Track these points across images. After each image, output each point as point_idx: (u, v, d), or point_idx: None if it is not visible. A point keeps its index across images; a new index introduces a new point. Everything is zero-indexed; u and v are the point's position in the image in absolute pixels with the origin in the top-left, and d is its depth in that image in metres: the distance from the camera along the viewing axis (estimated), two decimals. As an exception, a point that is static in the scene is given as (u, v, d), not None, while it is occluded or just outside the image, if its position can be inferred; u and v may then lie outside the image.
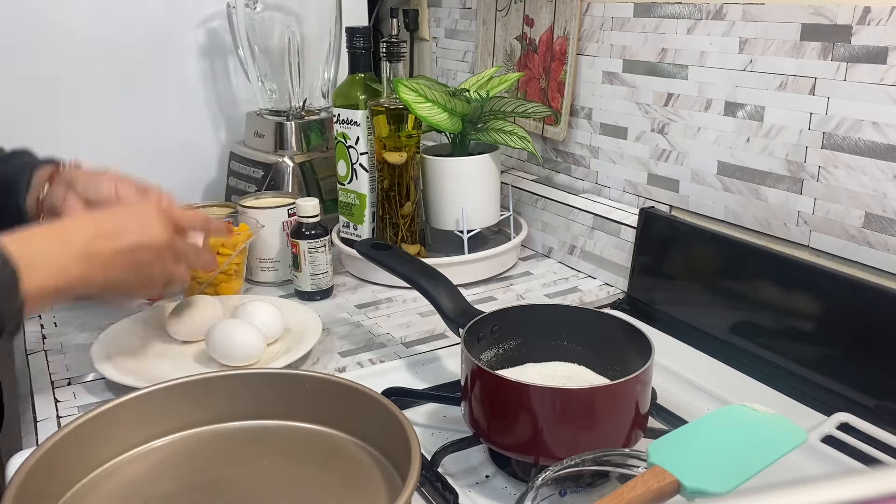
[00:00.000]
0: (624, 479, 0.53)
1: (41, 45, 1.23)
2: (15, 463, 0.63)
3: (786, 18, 0.84)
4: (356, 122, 1.10)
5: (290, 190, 1.23)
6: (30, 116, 1.24)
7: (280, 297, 1.04)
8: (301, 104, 1.31)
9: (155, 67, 1.32)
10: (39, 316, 1.01)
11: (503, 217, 1.16)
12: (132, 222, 0.72)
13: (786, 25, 0.84)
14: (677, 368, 0.83)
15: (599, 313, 0.78)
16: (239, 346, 0.83)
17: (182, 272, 0.78)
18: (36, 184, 0.83)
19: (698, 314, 0.93)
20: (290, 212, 1.09)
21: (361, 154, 1.11)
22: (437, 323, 0.89)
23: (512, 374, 0.71)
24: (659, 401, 0.75)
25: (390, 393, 0.75)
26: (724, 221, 0.95)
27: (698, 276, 0.94)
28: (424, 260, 0.89)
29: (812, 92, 0.82)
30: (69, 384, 0.84)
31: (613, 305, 1.02)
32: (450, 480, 0.66)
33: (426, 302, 0.81)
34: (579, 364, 0.74)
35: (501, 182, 1.14)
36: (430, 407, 0.78)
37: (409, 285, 0.85)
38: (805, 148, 0.84)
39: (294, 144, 1.27)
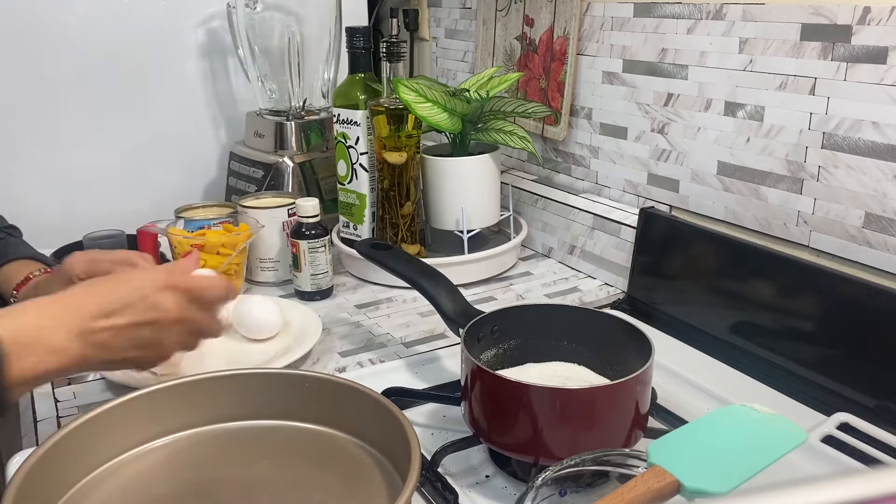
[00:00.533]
0: (624, 479, 0.53)
1: (41, 45, 1.23)
2: (15, 463, 0.63)
3: (786, 18, 0.84)
4: (356, 122, 1.10)
5: (290, 190, 1.23)
6: (30, 116, 1.24)
7: (280, 297, 1.04)
8: (301, 104, 1.31)
9: (155, 67, 1.32)
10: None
11: (503, 217, 1.16)
12: (136, 295, 0.64)
13: (786, 25, 0.84)
14: (677, 368, 0.83)
15: (599, 313, 0.78)
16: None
17: (196, 343, 0.70)
18: (4, 285, 0.83)
19: (698, 314, 0.93)
20: (290, 212, 1.09)
21: (361, 154, 1.11)
22: (437, 323, 0.89)
23: (512, 374, 0.71)
24: (659, 401, 0.75)
25: (390, 393, 0.75)
26: (724, 221, 0.95)
27: (698, 276, 0.94)
28: (424, 260, 0.89)
29: (812, 92, 0.82)
30: (69, 384, 0.84)
31: (613, 305, 1.02)
32: (450, 480, 0.66)
33: (426, 302, 0.81)
34: (579, 364, 0.74)
35: (501, 182, 1.14)
36: (430, 407, 0.78)
37: (409, 285, 0.85)
38: (805, 148, 0.84)
39: (294, 144, 1.27)
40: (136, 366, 0.67)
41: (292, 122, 1.27)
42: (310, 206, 1.03)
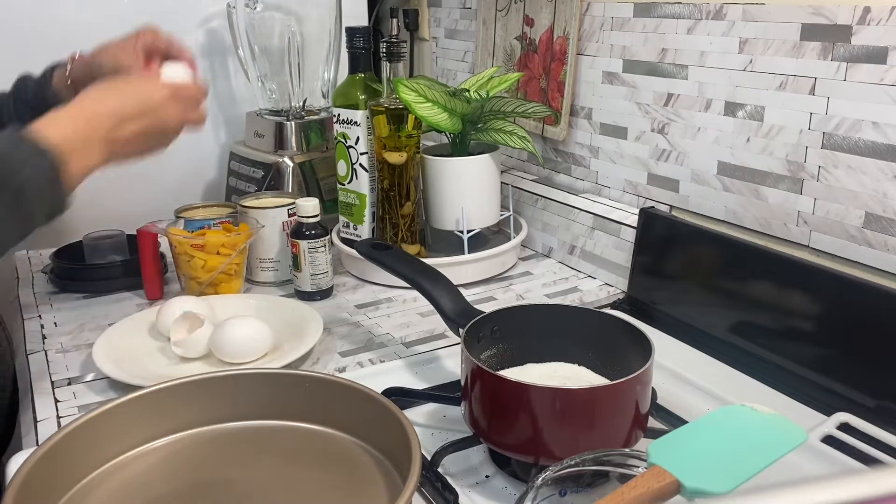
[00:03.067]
0: (624, 479, 0.53)
1: (41, 45, 1.23)
2: (15, 463, 0.63)
3: (786, 18, 0.84)
4: (356, 122, 1.10)
5: (290, 190, 1.23)
6: (30, 116, 1.24)
7: (280, 296, 1.04)
8: (301, 104, 1.31)
9: (155, 67, 1.32)
10: (40, 315, 1.01)
11: (503, 217, 1.16)
12: (145, 107, 0.79)
13: (786, 25, 0.84)
14: (677, 368, 0.83)
15: (599, 313, 0.78)
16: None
17: (193, 116, 0.87)
18: (58, 76, 0.94)
19: (698, 314, 0.93)
20: (290, 212, 1.09)
21: (361, 154, 1.11)
22: (437, 323, 0.89)
23: (512, 374, 0.71)
24: (659, 401, 0.75)
25: (390, 393, 0.75)
26: (724, 221, 0.95)
27: (698, 276, 0.94)
28: (424, 260, 0.89)
29: (812, 92, 0.82)
30: (69, 384, 0.84)
31: (613, 305, 1.02)
32: (450, 480, 0.66)
33: (426, 302, 0.81)
34: (579, 364, 0.74)
35: (501, 182, 1.14)
36: (430, 407, 0.78)
37: (409, 285, 0.85)
38: (805, 148, 0.84)
39: (294, 144, 1.27)
40: (149, 153, 0.84)
41: (292, 122, 1.27)
42: (310, 206, 1.03)
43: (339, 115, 1.11)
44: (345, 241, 1.16)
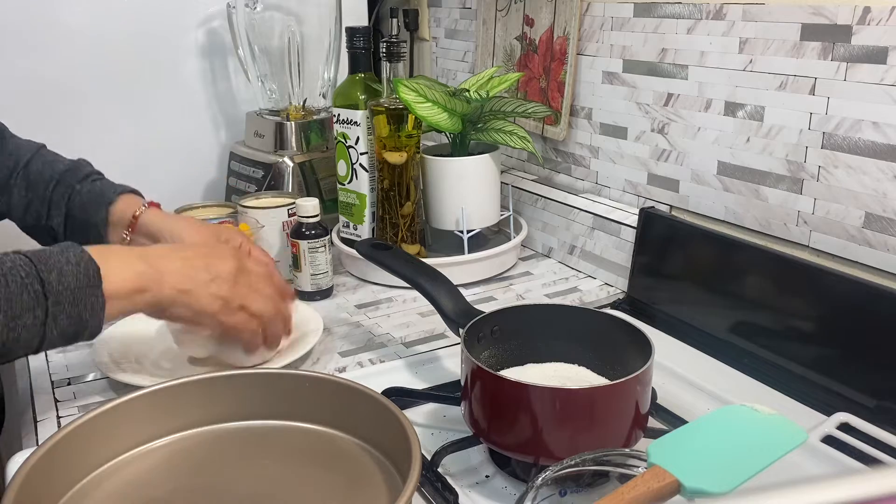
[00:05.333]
0: (624, 479, 0.53)
1: (41, 45, 1.23)
2: (15, 463, 0.63)
3: (786, 18, 0.84)
4: (356, 122, 1.10)
5: (290, 190, 1.23)
6: (30, 116, 1.24)
7: (280, 297, 1.04)
8: (301, 104, 1.31)
9: (155, 67, 1.32)
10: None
11: (503, 217, 1.16)
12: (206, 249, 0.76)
13: (786, 25, 0.84)
14: (677, 368, 0.83)
15: (599, 313, 0.78)
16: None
17: (262, 302, 0.77)
18: (115, 223, 0.89)
19: (698, 314, 0.93)
20: (290, 212, 1.09)
21: (361, 154, 1.11)
22: (437, 323, 0.89)
23: (512, 374, 0.71)
24: (659, 401, 0.75)
25: (390, 393, 0.75)
26: (724, 221, 0.95)
27: (698, 276, 0.94)
28: (424, 260, 0.89)
29: (812, 92, 0.82)
30: (69, 384, 0.84)
31: (613, 305, 1.02)
32: (450, 480, 0.66)
33: (426, 302, 0.81)
34: (579, 364, 0.74)
35: (501, 182, 1.14)
36: (430, 407, 0.78)
37: (409, 285, 0.85)
38: (805, 148, 0.84)
39: (294, 144, 1.27)
40: (207, 301, 0.73)
41: (292, 122, 1.27)
42: (310, 206, 1.03)
43: (339, 115, 1.11)
44: (345, 241, 1.16)
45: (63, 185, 0.91)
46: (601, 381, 0.72)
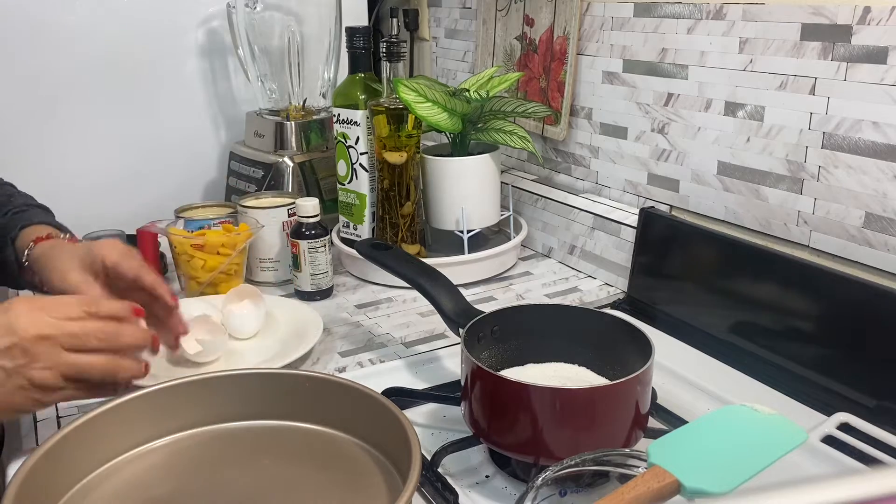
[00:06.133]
0: (624, 479, 0.53)
1: (41, 45, 1.23)
2: (15, 463, 0.63)
3: (786, 18, 0.84)
4: (356, 122, 1.10)
5: (290, 190, 1.23)
6: (30, 116, 1.24)
7: (280, 296, 1.04)
8: (301, 104, 1.31)
9: (155, 67, 1.32)
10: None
11: (503, 217, 1.16)
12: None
13: (786, 25, 0.84)
14: (677, 368, 0.83)
15: (599, 313, 0.78)
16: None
17: (89, 363, 0.64)
18: (20, 245, 0.83)
19: (698, 314, 0.93)
20: (290, 212, 1.09)
21: (361, 154, 1.11)
22: (437, 323, 0.89)
23: (512, 374, 0.71)
24: (659, 401, 0.75)
25: (390, 393, 0.75)
26: (724, 221, 0.95)
27: (698, 276, 0.94)
28: (424, 260, 0.89)
29: (812, 92, 0.82)
30: (69, 384, 0.84)
31: (613, 305, 1.02)
32: (450, 480, 0.66)
33: (426, 302, 0.81)
34: (579, 364, 0.74)
35: (501, 182, 1.14)
36: (430, 407, 0.78)
37: (409, 285, 0.85)
38: (805, 148, 0.84)
39: (294, 144, 1.27)
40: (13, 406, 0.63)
41: (292, 122, 1.27)
42: (310, 206, 1.03)
43: (339, 114, 1.11)
44: (345, 241, 1.16)
45: None
46: (601, 381, 0.72)
